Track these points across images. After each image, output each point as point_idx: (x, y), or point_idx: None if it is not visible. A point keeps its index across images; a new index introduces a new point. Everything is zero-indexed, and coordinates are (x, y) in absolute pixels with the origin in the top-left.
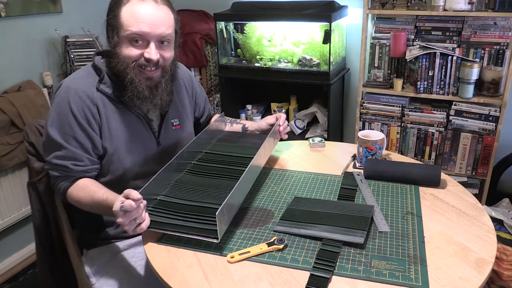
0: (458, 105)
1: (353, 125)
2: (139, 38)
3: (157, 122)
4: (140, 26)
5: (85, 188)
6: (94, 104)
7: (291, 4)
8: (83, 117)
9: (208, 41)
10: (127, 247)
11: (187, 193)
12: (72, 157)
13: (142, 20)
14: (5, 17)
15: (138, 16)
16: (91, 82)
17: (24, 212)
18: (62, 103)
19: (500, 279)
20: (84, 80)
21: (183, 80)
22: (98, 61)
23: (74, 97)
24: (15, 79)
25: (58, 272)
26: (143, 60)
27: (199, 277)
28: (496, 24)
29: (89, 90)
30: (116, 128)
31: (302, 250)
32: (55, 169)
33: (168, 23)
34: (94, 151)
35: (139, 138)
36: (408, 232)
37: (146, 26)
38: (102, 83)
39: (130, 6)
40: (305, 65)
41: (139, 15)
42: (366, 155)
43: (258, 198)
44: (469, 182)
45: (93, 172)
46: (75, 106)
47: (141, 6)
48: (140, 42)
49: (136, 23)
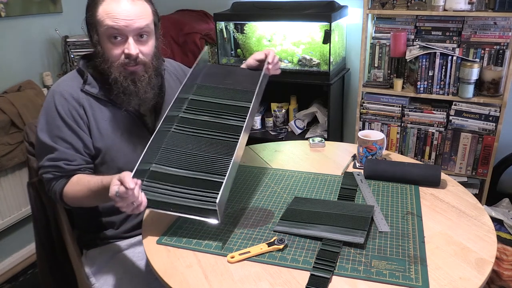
0: (458, 105)
1: (353, 125)
2: (117, 34)
3: (151, 117)
4: (117, 21)
5: (79, 181)
6: (80, 105)
7: (291, 4)
8: (71, 117)
9: (208, 41)
10: (127, 247)
11: (179, 160)
12: (64, 158)
13: (118, 15)
14: (5, 17)
15: (114, 12)
16: (75, 84)
17: (24, 212)
18: (48, 107)
19: (500, 279)
20: (69, 83)
21: (174, 74)
22: (83, 65)
23: (60, 99)
24: (15, 79)
25: (58, 272)
26: (123, 58)
27: (199, 277)
28: (496, 24)
29: (74, 91)
30: (106, 128)
31: (302, 250)
32: (48, 171)
33: (144, 15)
34: (86, 150)
35: (132, 135)
36: (408, 232)
37: (123, 20)
38: (86, 84)
39: (106, 4)
40: (305, 65)
41: (115, 10)
42: (366, 155)
43: (258, 198)
44: (469, 182)
45: (86, 171)
46: (62, 108)
47: (116, 3)
48: (119, 38)
49: (112, 19)
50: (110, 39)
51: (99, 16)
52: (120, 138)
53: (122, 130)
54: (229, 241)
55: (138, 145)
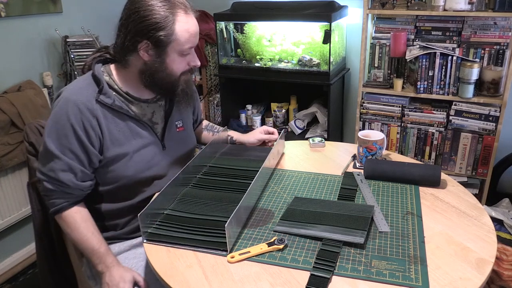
0: (458, 105)
1: (353, 125)
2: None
3: (161, 125)
4: (193, 40)
5: (87, 221)
6: (94, 116)
7: (291, 4)
8: (82, 128)
9: (208, 41)
10: (128, 248)
11: (194, 207)
12: (68, 169)
13: (194, 34)
14: (5, 17)
15: (192, 31)
16: (90, 93)
17: (24, 212)
18: (60, 114)
19: (500, 279)
20: (84, 92)
21: None
22: (98, 70)
23: (73, 109)
24: (15, 79)
25: (58, 272)
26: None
27: (199, 277)
28: (496, 24)
29: (89, 102)
30: (118, 137)
31: (302, 250)
32: (50, 182)
33: None
34: (90, 164)
35: (144, 144)
36: (408, 232)
37: (196, 39)
38: (102, 94)
39: (182, 23)
40: (305, 65)
41: (192, 30)
42: (366, 155)
43: (258, 198)
44: (469, 182)
45: (87, 191)
46: (74, 118)
47: (191, 21)
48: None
49: (192, 39)
50: (181, 54)
51: (178, 35)
52: (132, 146)
53: (134, 139)
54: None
55: (149, 153)
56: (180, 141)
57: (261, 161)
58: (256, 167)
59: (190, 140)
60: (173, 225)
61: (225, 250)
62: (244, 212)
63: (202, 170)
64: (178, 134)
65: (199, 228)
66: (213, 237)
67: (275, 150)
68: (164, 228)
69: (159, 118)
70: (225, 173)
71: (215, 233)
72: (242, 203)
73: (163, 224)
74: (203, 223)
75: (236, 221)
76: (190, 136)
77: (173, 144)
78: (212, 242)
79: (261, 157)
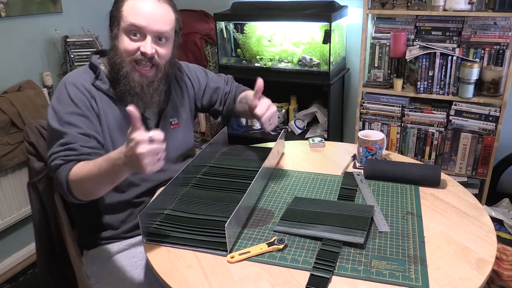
0: (458, 105)
1: (353, 125)
2: (137, 31)
3: (154, 121)
4: (139, 19)
5: (85, 164)
6: (92, 97)
7: (291, 4)
8: (83, 104)
9: (208, 41)
10: (127, 247)
11: (194, 207)
12: (75, 141)
13: (142, 13)
14: (5, 17)
15: (139, 10)
16: (87, 78)
17: (24, 212)
18: (61, 94)
19: (500, 279)
20: (81, 75)
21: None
22: (95, 60)
23: (72, 88)
24: (15, 79)
25: (58, 272)
26: (139, 55)
27: (199, 277)
28: (496, 24)
29: (87, 83)
30: (112, 124)
31: (302, 250)
32: (58, 156)
33: (167, 20)
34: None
35: None
36: (408, 232)
37: (145, 20)
38: (98, 79)
39: (133, 1)
40: (305, 65)
41: (140, 9)
42: (366, 155)
43: (258, 198)
44: (469, 182)
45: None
46: (74, 95)
47: (143, 1)
48: (138, 35)
49: (136, 16)
50: (129, 34)
51: (124, 11)
52: (123, 137)
53: (125, 130)
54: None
55: None
56: (175, 139)
57: (261, 161)
58: (256, 167)
59: (185, 138)
60: (173, 225)
61: (225, 250)
62: (244, 212)
63: (202, 170)
64: (172, 131)
65: (199, 228)
66: (213, 237)
67: (275, 150)
68: (164, 228)
69: (151, 113)
70: (225, 173)
71: (215, 233)
72: (242, 203)
73: (163, 224)
74: (203, 223)
75: (236, 221)
76: (185, 134)
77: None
78: (212, 242)
79: (261, 157)
